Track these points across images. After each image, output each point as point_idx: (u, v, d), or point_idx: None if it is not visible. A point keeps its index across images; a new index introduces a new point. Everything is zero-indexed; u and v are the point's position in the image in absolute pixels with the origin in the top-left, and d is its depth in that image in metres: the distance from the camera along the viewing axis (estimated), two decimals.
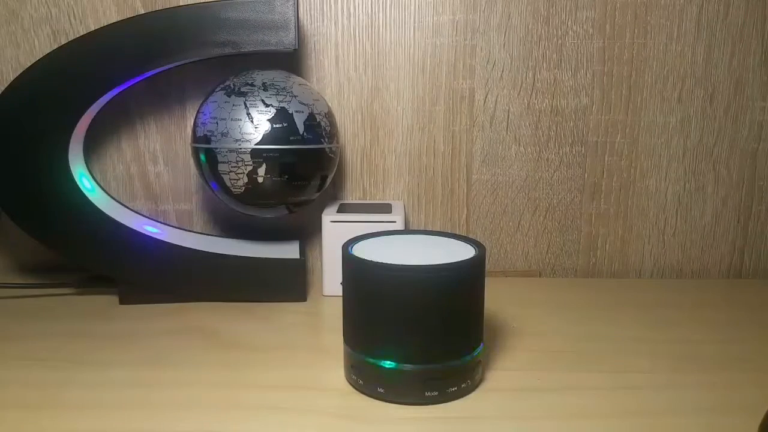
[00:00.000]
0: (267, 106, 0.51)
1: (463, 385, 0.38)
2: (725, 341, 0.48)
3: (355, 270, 0.38)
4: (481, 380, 0.40)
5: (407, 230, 0.45)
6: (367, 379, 0.38)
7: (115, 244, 0.54)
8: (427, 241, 0.43)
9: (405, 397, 0.37)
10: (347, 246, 0.40)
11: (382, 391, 0.37)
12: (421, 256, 0.38)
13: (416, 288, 0.36)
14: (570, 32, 0.63)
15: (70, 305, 0.55)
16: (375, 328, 0.37)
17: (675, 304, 0.57)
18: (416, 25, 0.63)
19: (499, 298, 0.57)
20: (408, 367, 0.36)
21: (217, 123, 0.51)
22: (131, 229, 0.55)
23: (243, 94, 0.51)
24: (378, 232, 0.44)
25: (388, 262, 0.36)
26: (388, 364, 0.37)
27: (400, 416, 0.36)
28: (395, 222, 0.56)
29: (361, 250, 0.39)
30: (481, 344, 0.39)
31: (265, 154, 0.50)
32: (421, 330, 0.36)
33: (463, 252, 0.39)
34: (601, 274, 0.68)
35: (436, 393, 0.37)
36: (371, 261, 0.37)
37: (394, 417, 0.36)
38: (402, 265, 0.36)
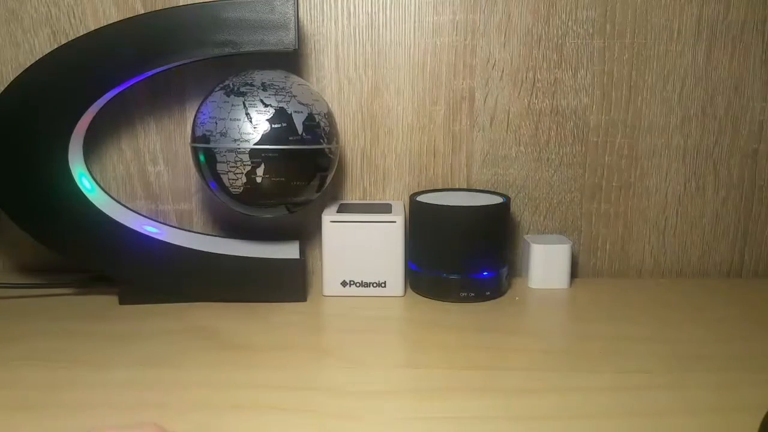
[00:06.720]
0: (266, 106, 0.51)
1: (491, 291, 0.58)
2: (725, 341, 0.48)
3: (422, 211, 0.58)
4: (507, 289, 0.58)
5: (455, 188, 0.65)
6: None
7: (115, 244, 0.54)
8: (469, 194, 0.62)
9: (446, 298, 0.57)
10: (414, 196, 0.60)
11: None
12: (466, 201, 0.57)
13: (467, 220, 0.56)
14: (570, 32, 0.63)
15: (70, 305, 0.55)
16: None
17: (675, 304, 0.57)
18: (416, 25, 0.63)
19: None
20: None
21: (216, 123, 0.51)
22: (131, 229, 0.55)
23: (242, 94, 0.51)
24: (433, 188, 0.64)
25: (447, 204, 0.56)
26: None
27: None
28: (395, 222, 0.56)
29: (424, 199, 0.59)
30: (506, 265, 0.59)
31: (263, 154, 0.50)
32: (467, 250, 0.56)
33: (495, 200, 0.59)
34: (601, 274, 0.68)
35: (473, 294, 0.56)
36: (435, 204, 0.57)
37: None
38: (457, 206, 0.56)
